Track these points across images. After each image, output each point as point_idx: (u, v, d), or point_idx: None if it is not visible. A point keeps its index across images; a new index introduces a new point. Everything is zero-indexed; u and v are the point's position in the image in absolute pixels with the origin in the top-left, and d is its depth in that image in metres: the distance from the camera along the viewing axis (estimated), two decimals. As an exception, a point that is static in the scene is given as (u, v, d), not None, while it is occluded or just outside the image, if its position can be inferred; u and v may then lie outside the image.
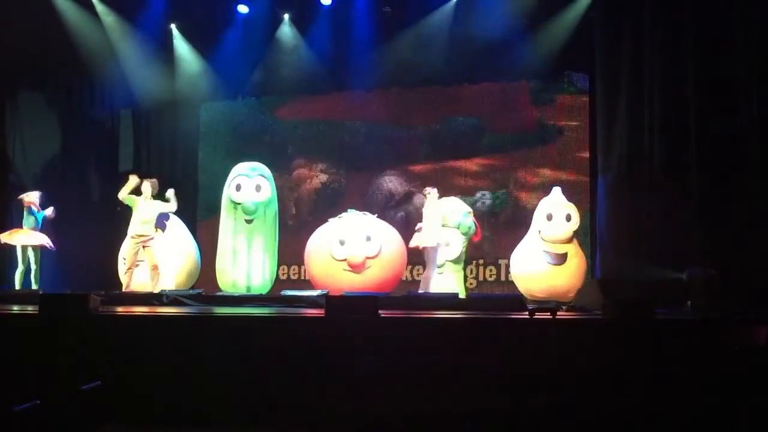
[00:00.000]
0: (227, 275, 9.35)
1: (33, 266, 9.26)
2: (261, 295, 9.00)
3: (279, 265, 10.05)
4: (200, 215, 11.78)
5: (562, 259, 8.68)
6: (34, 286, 9.17)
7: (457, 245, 9.04)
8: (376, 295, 7.35)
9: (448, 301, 7.98)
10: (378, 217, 9.58)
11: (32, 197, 9.30)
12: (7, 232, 9.27)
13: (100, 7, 10.64)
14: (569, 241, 8.75)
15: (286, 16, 11.09)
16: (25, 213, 9.27)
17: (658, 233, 8.60)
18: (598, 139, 9.44)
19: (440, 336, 5.84)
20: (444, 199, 9.38)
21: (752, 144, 8.19)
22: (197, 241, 10.29)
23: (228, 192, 9.40)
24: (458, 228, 9.09)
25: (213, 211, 10.54)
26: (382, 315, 6.20)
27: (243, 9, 10.88)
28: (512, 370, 5.30)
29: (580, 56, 9.93)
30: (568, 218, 8.71)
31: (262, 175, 9.38)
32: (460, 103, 11.10)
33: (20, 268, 9.24)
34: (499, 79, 10.79)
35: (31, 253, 9.26)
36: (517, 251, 9.13)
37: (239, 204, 9.23)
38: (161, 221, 9.38)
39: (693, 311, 7.24)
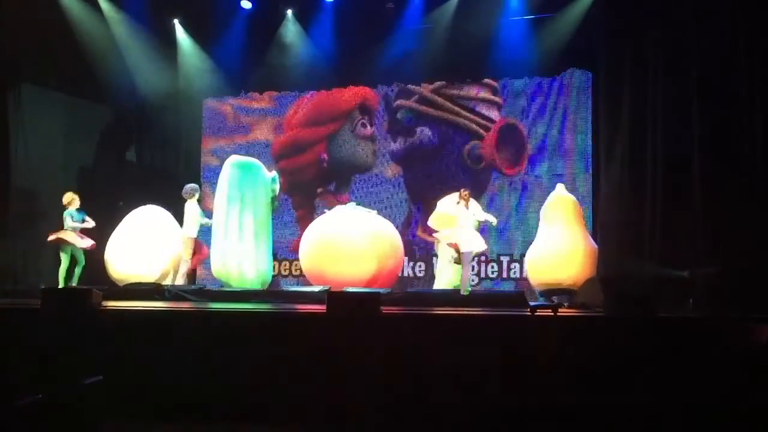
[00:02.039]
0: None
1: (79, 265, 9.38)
2: (263, 290, 9.00)
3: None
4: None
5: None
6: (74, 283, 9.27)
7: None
8: (378, 292, 7.36)
9: (450, 297, 7.98)
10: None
11: (76, 198, 9.44)
12: (61, 233, 9.30)
13: (103, 2, 10.63)
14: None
15: (289, 12, 11.08)
16: (73, 214, 9.34)
17: (661, 231, 8.57)
18: (600, 135, 9.41)
19: (442, 333, 5.84)
20: (447, 197, 9.35)
21: (756, 141, 8.15)
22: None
23: (273, 186, 9.53)
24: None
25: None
26: (384, 312, 6.21)
27: (246, 4, 10.87)
28: (514, 367, 5.30)
29: (583, 53, 9.91)
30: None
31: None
32: (462, 100, 11.08)
33: (64, 265, 9.31)
34: (501, 75, 10.77)
35: (79, 253, 9.34)
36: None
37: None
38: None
39: (695, 309, 7.23)
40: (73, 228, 9.25)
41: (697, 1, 8.58)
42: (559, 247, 8.91)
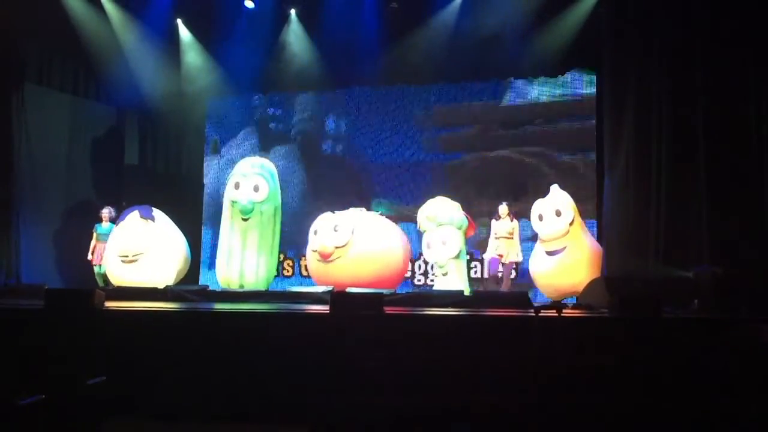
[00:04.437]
0: (222, 273, 9.29)
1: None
2: (266, 291, 8.98)
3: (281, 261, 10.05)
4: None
5: (558, 253, 8.68)
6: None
7: (456, 241, 8.94)
8: (381, 293, 7.34)
9: (453, 298, 7.95)
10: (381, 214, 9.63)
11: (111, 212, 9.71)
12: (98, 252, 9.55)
13: (106, 2, 10.63)
14: (566, 234, 8.67)
15: (293, 12, 11.07)
16: (104, 225, 9.63)
17: (666, 231, 8.54)
18: (605, 135, 9.37)
19: (445, 333, 5.82)
20: (431, 200, 9.31)
21: (763, 141, 8.12)
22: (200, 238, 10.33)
23: (226, 190, 9.33)
24: (451, 224, 9.02)
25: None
26: (388, 312, 6.19)
27: (249, 4, 10.87)
28: (518, 368, 5.28)
29: (588, 53, 9.89)
30: (558, 214, 8.67)
31: (261, 175, 9.19)
32: (466, 100, 11.06)
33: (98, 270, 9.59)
34: (506, 75, 10.75)
35: None
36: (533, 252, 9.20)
37: (236, 202, 9.10)
38: (149, 212, 9.41)
39: (700, 310, 7.21)
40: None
41: (705, 1, 8.55)
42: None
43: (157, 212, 9.47)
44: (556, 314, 6.03)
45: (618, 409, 5.01)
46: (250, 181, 9.09)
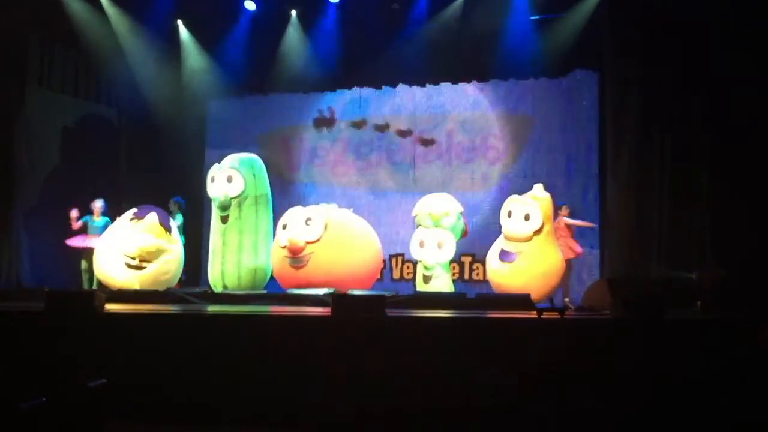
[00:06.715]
0: (210, 273, 9.25)
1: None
2: (267, 293, 8.95)
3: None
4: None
5: (511, 257, 8.41)
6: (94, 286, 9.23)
7: (451, 248, 8.78)
8: (383, 294, 7.33)
9: (455, 300, 7.94)
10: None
11: (99, 204, 9.66)
12: (80, 237, 9.47)
13: (107, 4, 10.64)
14: (528, 240, 8.33)
15: (293, 13, 11.07)
16: (96, 218, 9.59)
17: (668, 232, 8.54)
18: (607, 137, 9.38)
19: (448, 336, 5.80)
20: (436, 195, 9.20)
21: (764, 142, 8.11)
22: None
23: (207, 187, 9.20)
24: (453, 231, 8.86)
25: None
26: (389, 314, 6.17)
27: (250, 5, 10.87)
28: (520, 370, 5.27)
29: (589, 53, 9.88)
30: (527, 218, 8.31)
31: (234, 167, 9.01)
32: (468, 101, 11.04)
33: (84, 267, 9.53)
34: (507, 76, 10.73)
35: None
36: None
37: (214, 198, 9.03)
38: (167, 221, 9.23)
39: (703, 311, 7.19)
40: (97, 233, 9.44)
41: (705, 1, 8.55)
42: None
43: (172, 222, 9.31)
44: (559, 316, 6.03)
45: (621, 410, 5.00)
46: (223, 174, 8.96)
